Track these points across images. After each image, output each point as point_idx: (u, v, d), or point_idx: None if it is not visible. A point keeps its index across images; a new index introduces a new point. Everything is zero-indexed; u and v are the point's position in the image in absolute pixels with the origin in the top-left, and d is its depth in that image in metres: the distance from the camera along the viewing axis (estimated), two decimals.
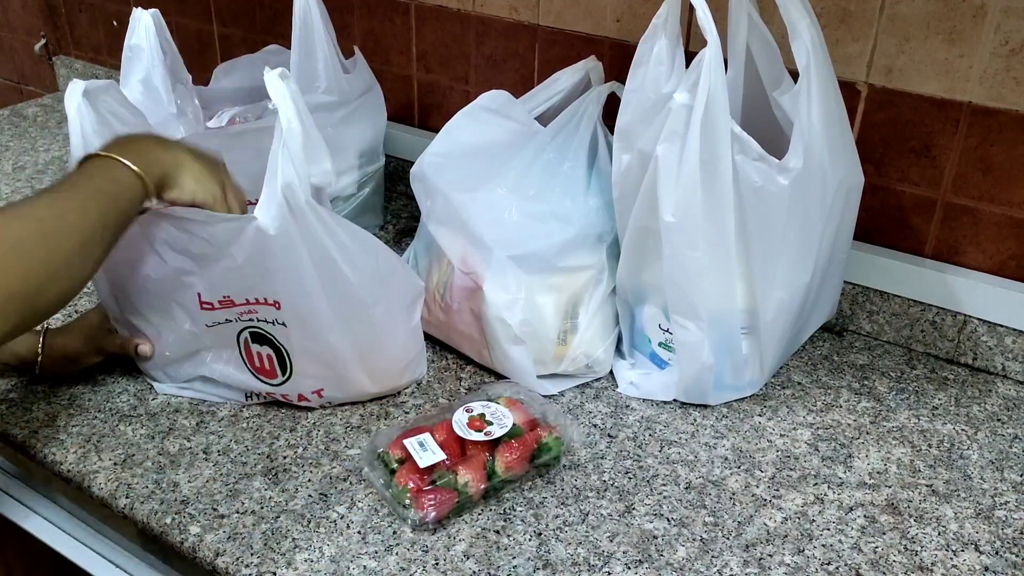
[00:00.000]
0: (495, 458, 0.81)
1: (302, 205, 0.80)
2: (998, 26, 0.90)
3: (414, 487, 0.79)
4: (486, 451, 0.82)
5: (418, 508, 0.77)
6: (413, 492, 0.78)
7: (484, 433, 0.82)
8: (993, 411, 0.95)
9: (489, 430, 0.82)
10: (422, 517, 0.77)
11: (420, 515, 0.77)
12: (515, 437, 0.83)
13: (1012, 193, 0.96)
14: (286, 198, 0.79)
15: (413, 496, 0.78)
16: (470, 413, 0.84)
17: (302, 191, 0.79)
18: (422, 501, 0.78)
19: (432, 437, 0.82)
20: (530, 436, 0.83)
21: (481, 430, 0.82)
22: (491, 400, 0.87)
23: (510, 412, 0.85)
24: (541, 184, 0.96)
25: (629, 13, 1.11)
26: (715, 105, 0.81)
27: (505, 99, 1.02)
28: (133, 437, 0.89)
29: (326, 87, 1.13)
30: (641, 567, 0.75)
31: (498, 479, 0.81)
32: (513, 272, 0.92)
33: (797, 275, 0.91)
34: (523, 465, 0.82)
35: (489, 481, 0.80)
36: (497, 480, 0.81)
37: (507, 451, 0.82)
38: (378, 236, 1.25)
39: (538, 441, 0.83)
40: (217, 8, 1.50)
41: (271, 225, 0.80)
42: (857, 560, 0.77)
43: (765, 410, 0.95)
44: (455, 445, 0.82)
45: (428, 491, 0.78)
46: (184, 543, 0.78)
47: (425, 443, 0.82)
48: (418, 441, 0.82)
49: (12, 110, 1.71)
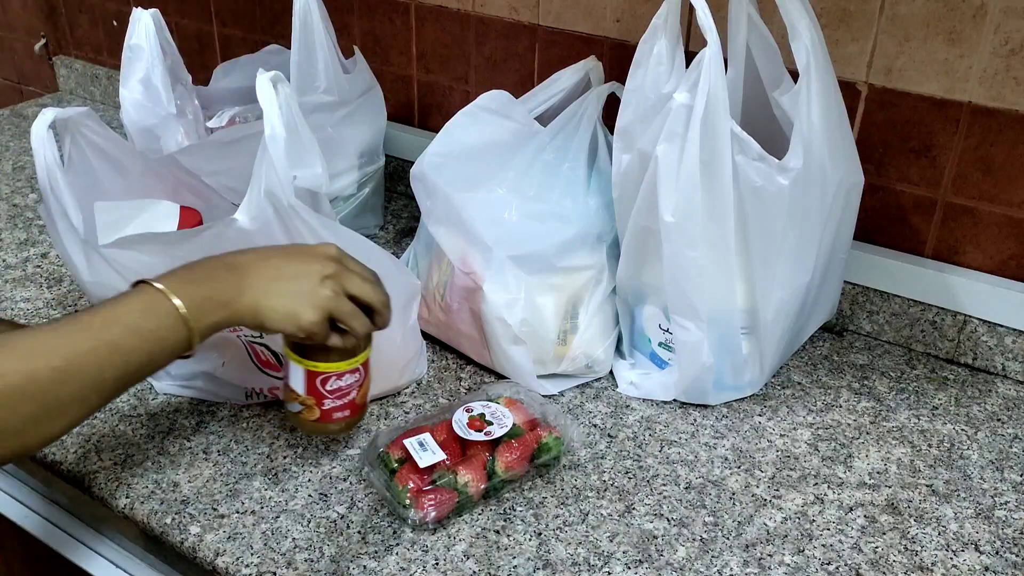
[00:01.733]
0: (495, 458, 0.81)
1: (285, 209, 0.78)
2: (998, 26, 0.90)
3: (414, 487, 0.78)
4: (486, 451, 0.82)
5: (418, 508, 0.77)
6: (413, 492, 0.78)
7: (484, 433, 0.82)
8: (993, 411, 0.95)
9: (489, 430, 0.82)
10: (422, 517, 0.77)
11: (420, 515, 0.77)
12: (515, 437, 0.83)
13: (1012, 193, 0.96)
14: (270, 202, 0.78)
15: (413, 496, 0.78)
16: (470, 413, 0.84)
17: (284, 196, 0.77)
18: (422, 501, 0.77)
19: (432, 437, 0.82)
20: (530, 436, 0.83)
21: (481, 430, 0.82)
22: (491, 400, 0.87)
23: (510, 412, 0.85)
24: (541, 184, 0.96)
25: (629, 13, 1.11)
26: (715, 105, 0.81)
27: (505, 99, 1.02)
28: (133, 437, 0.89)
29: (326, 87, 1.13)
30: (641, 567, 0.75)
31: (498, 479, 0.81)
32: (513, 272, 0.92)
33: (797, 275, 0.91)
34: (523, 465, 0.82)
35: (489, 481, 0.80)
36: (497, 480, 0.81)
37: (507, 451, 0.81)
38: (378, 236, 1.26)
39: (538, 441, 0.83)
40: (217, 8, 1.50)
41: (252, 226, 0.78)
42: (857, 560, 0.77)
43: (765, 410, 0.95)
44: (455, 445, 0.82)
45: (428, 491, 0.78)
46: (184, 543, 0.78)
47: (425, 443, 0.82)
48: (418, 441, 0.82)
49: (12, 110, 1.71)
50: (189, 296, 0.66)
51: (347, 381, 0.78)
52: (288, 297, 0.70)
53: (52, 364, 0.61)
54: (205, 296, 0.67)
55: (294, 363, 0.77)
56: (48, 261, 1.19)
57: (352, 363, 0.77)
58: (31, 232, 1.27)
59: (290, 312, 0.70)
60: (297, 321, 0.70)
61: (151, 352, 0.66)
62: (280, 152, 0.78)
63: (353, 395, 0.79)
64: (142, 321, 0.65)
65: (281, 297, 0.70)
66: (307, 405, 0.79)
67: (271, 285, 0.70)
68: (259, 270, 0.70)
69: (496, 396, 0.89)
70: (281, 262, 0.72)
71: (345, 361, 0.77)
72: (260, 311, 0.69)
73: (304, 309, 0.70)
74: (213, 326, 0.68)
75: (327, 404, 0.79)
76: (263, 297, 0.69)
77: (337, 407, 0.79)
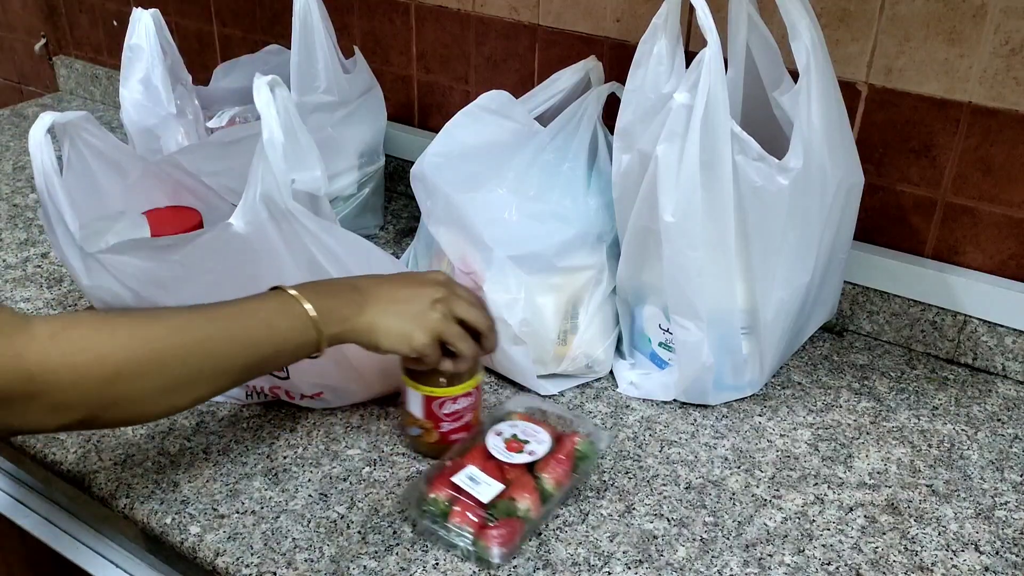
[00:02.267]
0: (542, 476, 0.78)
1: (282, 212, 0.78)
2: (998, 26, 0.90)
3: (475, 526, 0.75)
4: (524, 471, 0.79)
5: (488, 545, 0.73)
6: (477, 533, 0.74)
7: (528, 453, 0.80)
8: (993, 411, 0.95)
9: (531, 449, 0.80)
10: (503, 554, 0.73)
11: (499, 552, 0.73)
12: (550, 452, 0.80)
13: (1012, 193, 0.96)
14: (266, 206, 0.78)
15: (477, 537, 0.74)
16: (502, 436, 0.82)
17: (281, 199, 0.77)
18: (490, 539, 0.74)
19: (476, 468, 0.79)
20: (563, 446, 0.81)
21: (521, 450, 0.80)
22: (507, 420, 0.84)
23: (541, 428, 0.82)
24: (541, 184, 0.96)
25: (629, 13, 1.11)
26: (715, 105, 0.81)
27: (505, 99, 1.02)
28: (133, 437, 0.89)
29: (326, 87, 1.13)
30: (641, 567, 0.75)
31: (552, 498, 0.78)
32: (513, 272, 0.92)
33: (797, 275, 0.91)
34: (569, 477, 0.80)
35: (544, 503, 0.77)
36: (551, 498, 0.78)
37: (551, 466, 0.79)
38: (378, 236, 1.26)
39: (574, 449, 0.81)
40: (217, 8, 1.50)
41: (247, 230, 0.78)
42: (857, 560, 0.77)
43: (765, 410, 0.95)
44: (495, 471, 0.79)
45: (493, 527, 0.74)
46: (184, 543, 0.78)
47: (475, 476, 0.77)
48: (468, 476, 0.77)
49: (12, 110, 1.71)
50: (317, 305, 0.73)
51: (461, 404, 0.83)
52: (401, 319, 0.76)
53: (196, 338, 0.68)
54: (330, 308, 0.74)
55: (412, 389, 0.83)
56: (48, 261, 1.19)
57: (466, 387, 0.83)
58: (31, 232, 1.27)
59: (403, 333, 0.76)
60: (409, 342, 0.76)
61: (278, 348, 0.72)
62: (278, 156, 0.78)
63: (468, 417, 0.85)
64: (275, 319, 0.72)
65: (395, 318, 0.76)
66: (426, 428, 0.84)
67: (387, 307, 0.76)
68: (377, 293, 0.76)
69: (506, 414, 0.85)
70: (396, 287, 0.78)
71: (459, 385, 0.82)
72: (376, 330, 0.75)
73: (416, 331, 0.76)
74: (334, 337, 0.74)
75: (444, 427, 0.84)
76: (380, 317, 0.75)
77: (454, 429, 0.84)
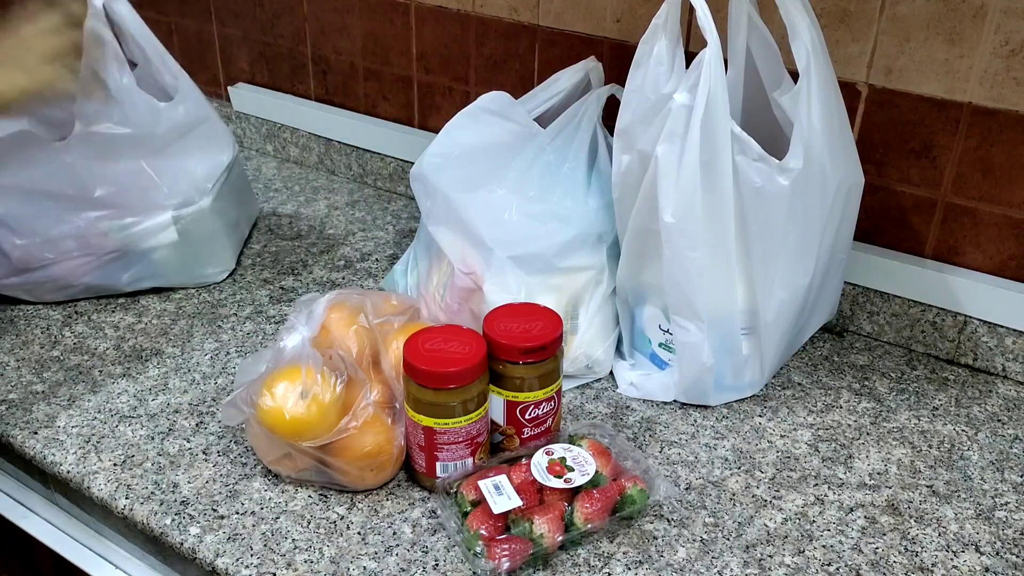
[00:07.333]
0: (574, 507, 0.75)
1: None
2: (998, 26, 0.90)
3: (487, 534, 0.74)
4: (564, 498, 0.76)
5: (490, 557, 0.72)
6: (485, 540, 0.74)
7: (564, 480, 0.76)
8: (993, 412, 0.95)
9: (570, 477, 0.77)
10: (494, 568, 0.72)
11: (492, 565, 0.72)
12: (597, 486, 0.77)
13: (1012, 193, 0.96)
14: None
15: (485, 544, 0.73)
16: (551, 456, 0.79)
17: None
18: (494, 550, 0.72)
19: (508, 479, 0.77)
20: (613, 486, 0.77)
21: (561, 475, 0.77)
22: (574, 442, 0.82)
23: (593, 458, 0.79)
24: (541, 185, 0.96)
25: (629, 13, 1.11)
26: (715, 105, 0.81)
27: (505, 100, 1.02)
28: (133, 438, 0.89)
29: (119, 118, 1.01)
30: (641, 567, 0.75)
31: (576, 531, 0.75)
32: (513, 272, 0.92)
33: (797, 276, 0.91)
34: (603, 518, 0.76)
35: (567, 533, 0.75)
36: (575, 532, 0.75)
37: (587, 501, 0.76)
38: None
39: (621, 492, 0.77)
40: (217, 8, 1.50)
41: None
42: (857, 561, 0.76)
43: (765, 411, 0.94)
44: (531, 489, 0.77)
45: (502, 540, 0.73)
46: (184, 544, 0.78)
47: (501, 486, 0.76)
48: (493, 484, 0.76)
49: None
50: None
51: (544, 409, 0.83)
52: None
53: None
54: None
55: (494, 395, 0.82)
56: None
57: (548, 391, 0.82)
58: None
59: None
60: None
61: None
62: None
63: (549, 423, 0.84)
64: None
65: None
66: (508, 435, 0.84)
67: None
68: None
69: (578, 436, 0.83)
70: None
71: (542, 390, 0.82)
72: None
73: None
74: None
75: (526, 432, 0.83)
76: None
77: (536, 435, 0.84)
